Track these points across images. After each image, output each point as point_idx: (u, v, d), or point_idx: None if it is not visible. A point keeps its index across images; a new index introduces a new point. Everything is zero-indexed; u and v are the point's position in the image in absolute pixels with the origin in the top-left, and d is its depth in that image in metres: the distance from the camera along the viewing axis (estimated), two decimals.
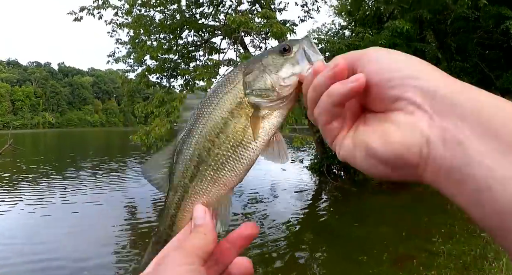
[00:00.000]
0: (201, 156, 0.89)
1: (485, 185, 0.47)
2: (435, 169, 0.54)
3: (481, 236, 8.72)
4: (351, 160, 0.67)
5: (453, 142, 0.51)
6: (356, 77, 0.62)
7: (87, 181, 18.54)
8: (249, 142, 0.86)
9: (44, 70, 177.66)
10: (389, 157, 0.58)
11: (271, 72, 0.85)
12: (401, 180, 0.62)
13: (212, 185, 0.90)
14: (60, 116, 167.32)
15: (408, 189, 15.58)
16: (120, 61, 18.59)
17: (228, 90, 0.88)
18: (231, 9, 17.92)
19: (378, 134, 0.61)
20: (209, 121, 0.88)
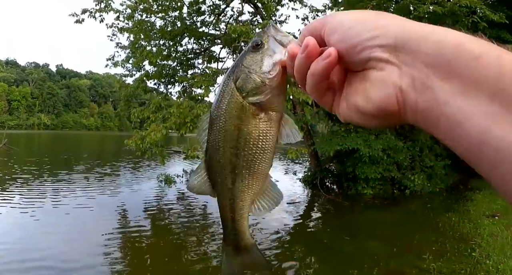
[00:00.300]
0: (232, 162, 0.99)
1: (455, 121, 0.54)
2: (412, 112, 0.60)
3: (472, 255, 8.73)
4: (350, 120, 0.73)
5: (422, 87, 0.57)
6: (327, 53, 0.68)
7: (80, 184, 18.43)
8: (265, 134, 0.96)
9: (42, 71, 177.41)
10: (375, 111, 0.65)
11: (255, 71, 0.91)
12: (393, 125, 0.70)
13: (251, 179, 1.02)
14: (56, 118, 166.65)
15: (400, 205, 15.64)
16: (118, 66, 18.63)
17: (228, 101, 0.95)
18: (232, 19, 18.01)
19: (361, 95, 0.68)
20: (226, 132, 0.97)
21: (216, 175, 1.04)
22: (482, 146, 0.51)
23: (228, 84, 0.96)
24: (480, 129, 0.51)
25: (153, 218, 12.81)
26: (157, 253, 9.33)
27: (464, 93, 0.53)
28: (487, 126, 0.50)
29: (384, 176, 17.32)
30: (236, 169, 1.00)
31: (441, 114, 0.55)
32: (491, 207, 13.68)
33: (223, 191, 1.05)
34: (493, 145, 0.50)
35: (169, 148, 26.99)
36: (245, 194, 1.04)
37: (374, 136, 17.01)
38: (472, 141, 0.52)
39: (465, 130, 0.53)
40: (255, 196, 1.06)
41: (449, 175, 20.20)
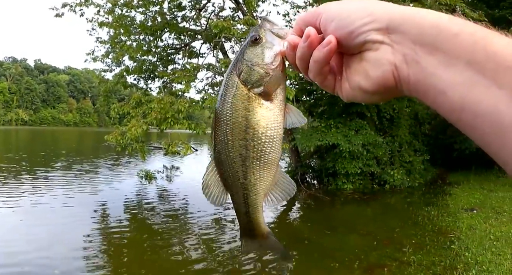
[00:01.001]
0: (242, 154, 1.01)
1: (441, 90, 0.61)
2: (406, 85, 0.67)
3: (451, 248, 8.85)
4: (354, 99, 0.80)
5: (412, 62, 0.65)
6: (328, 40, 0.75)
7: (58, 182, 18.25)
8: (273, 122, 0.98)
9: (20, 66, 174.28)
10: (377, 89, 0.73)
11: (258, 64, 0.96)
12: (391, 98, 0.79)
13: (263, 171, 1.03)
14: (34, 114, 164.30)
15: (380, 200, 15.76)
16: (98, 60, 18.38)
17: (234, 93, 0.99)
18: (213, 15, 17.94)
19: (361, 74, 0.75)
20: (234, 125, 0.99)
21: (227, 170, 1.04)
22: (463, 111, 0.59)
23: (232, 78, 0.99)
24: (460, 96, 0.59)
25: (134, 215, 12.74)
26: (137, 250, 9.28)
27: (446, 64, 0.60)
28: (466, 93, 0.58)
29: (364, 171, 17.47)
30: (246, 161, 1.01)
31: (429, 85, 0.63)
32: (469, 201, 13.87)
33: (236, 186, 1.05)
34: (472, 109, 0.57)
35: (148, 143, 26.80)
36: (258, 187, 1.05)
37: (354, 132, 17.15)
38: (454, 106, 0.60)
39: (448, 98, 0.60)
40: (268, 188, 1.07)
41: (428, 170, 20.45)
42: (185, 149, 14.29)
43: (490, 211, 12.04)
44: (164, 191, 17.10)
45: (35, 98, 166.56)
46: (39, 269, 7.87)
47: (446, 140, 23.31)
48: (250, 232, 1.15)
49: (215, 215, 12.42)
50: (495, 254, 8.25)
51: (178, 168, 24.58)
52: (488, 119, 0.56)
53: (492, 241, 9.12)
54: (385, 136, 18.78)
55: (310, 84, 18.03)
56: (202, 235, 10.50)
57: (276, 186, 1.08)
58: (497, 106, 0.55)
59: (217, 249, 9.33)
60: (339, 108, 18.16)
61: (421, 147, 21.15)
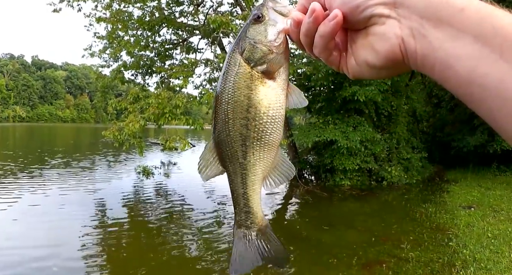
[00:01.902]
0: (242, 134, 0.99)
1: (447, 64, 0.61)
2: (413, 59, 0.67)
3: (449, 245, 8.86)
4: (360, 75, 0.80)
5: (419, 36, 0.65)
6: (334, 14, 0.74)
7: (56, 178, 18.23)
8: (275, 102, 0.97)
9: (17, 62, 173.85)
10: (384, 63, 0.72)
11: (261, 41, 0.95)
12: (398, 73, 0.78)
13: (263, 151, 1.01)
14: (31, 110, 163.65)
15: (377, 196, 15.76)
16: (95, 56, 18.33)
17: (236, 71, 0.97)
18: (211, 10, 17.91)
19: (368, 49, 0.74)
20: (235, 103, 0.97)
21: (227, 150, 1.02)
22: (470, 84, 0.59)
23: (234, 56, 0.97)
24: (467, 70, 0.59)
25: (131, 211, 12.71)
26: (135, 245, 9.28)
27: (453, 38, 0.60)
28: (473, 66, 0.58)
29: (362, 167, 17.49)
30: (247, 141, 0.99)
31: (436, 59, 0.63)
32: (467, 198, 13.88)
33: (234, 165, 1.03)
34: (479, 82, 0.58)
35: (146, 139, 26.81)
36: (257, 167, 1.03)
37: (352, 128, 17.16)
38: (461, 80, 0.60)
39: (455, 72, 0.60)
40: (267, 170, 1.05)
41: (425, 167, 20.49)
42: (182, 145, 14.26)
43: (487, 209, 12.05)
44: (161, 186, 17.08)
45: (32, 95, 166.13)
46: (37, 266, 7.82)
47: (444, 137, 23.38)
48: (246, 221, 1.11)
49: (213, 211, 12.44)
50: (493, 251, 8.26)
51: (176, 163, 24.61)
52: (494, 93, 0.56)
53: (490, 239, 9.13)
54: (383, 133, 18.79)
55: (308, 80, 18.03)
56: (200, 231, 10.47)
57: (275, 169, 1.06)
58: (503, 80, 0.55)
59: (215, 245, 9.31)
60: (337, 104, 18.16)
61: (419, 144, 21.18)
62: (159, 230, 10.60)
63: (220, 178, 1.11)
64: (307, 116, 21.57)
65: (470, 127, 21.29)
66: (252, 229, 1.11)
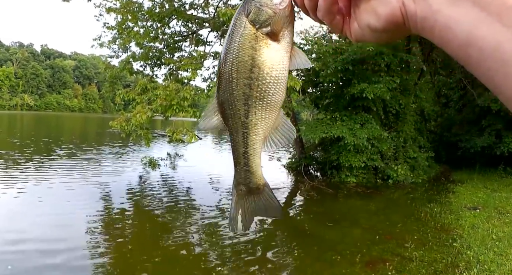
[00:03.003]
0: (246, 93, 1.01)
1: (446, 27, 0.62)
2: (413, 22, 0.68)
3: (453, 246, 8.83)
4: (362, 38, 0.81)
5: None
6: None
7: (62, 167, 18.31)
8: (278, 63, 0.99)
9: (26, 51, 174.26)
10: (385, 26, 0.73)
11: (266, 4, 0.96)
12: (399, 37, 0.80)
13: (265, 111, 1.03)
14: (39, 99, 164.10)
15: (383, 194, 15.72)
16: (104, 46, 18.31)
17: (241, 33, 0.98)
18: (221, 3, 17.87)
19: (370, 13, 0.75)
20: (240, 63, 0.99)
21: (229, 108, 1.05)
22: (468, 47, 0.60)
23: (240, 18, 0.99)
24: (466, 33, 0.60)
25: (137, 202, 12.75)
26: (140, 237, 9.31)
27: (452, 2, 0.61)
28: (471, 29, 0.59)
29: (368, 165, 17.45)
30: (249, 100, 1.02)
31: (435, 22, 0.64)
32: (472, 199, 13.84)
33: (236, 124, 1.06)
34: (477, 45, 0.59)
35: (153, 131, 26.87)
36: (259, 127, 1.06)
37: (359, 126, 17.10)
38: (460, 43, 0.61)
39: (454, 34, 0.61)
40: (268, 130, 1.07)
41: (431, 167, 20.44)
42: (189, 137, 14.26)
43: (493, 211, 12.02)
44: (167, 178, 17.10)
45: (40, 84, 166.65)
46: (42, 258, 7.83)
47: (451, 137, 23.30)
48: (245, 180, 1.13)
49: (219, 203, 12.47)
50: (497, 254, 8.24)
51: (182, 155, 24.63)
52: (492, 55, 0.58)
53: (495, 241, 9.10)
54: (390, 131, 18.72)
55: (316, 76, 17.99)
56: (206, 223, 10.49)
57: (276, 130, 1.09)
58: (500, 42, 0.56)
59: (221, 237, 9.34)
60: (345, 101, 18.10)
61: (426, 144, 21.12)
62: (165, 222, 10.63)
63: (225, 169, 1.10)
64: (314, 112, 21.54)
65: (478, 128, 21.23)
66: (251, 187, 1.14)
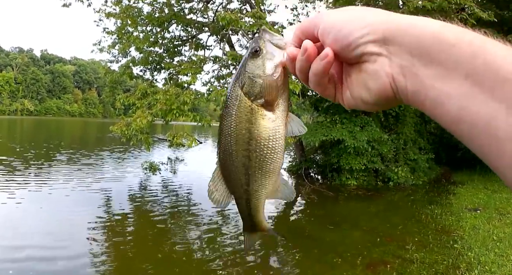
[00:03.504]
0: (245, 164, 1.04)
1: (437, 102, 0.62)
2: (404, 95, 0.68)
3: (454, 247, 8.84)
4: (355, 107, 0.82)
5: (410, 74, 0.66)
6: (325, 54, 0.77)
7: (63, 172, 18.29)
8: (274, 133, 1.01)
9: (26, 56, 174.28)
10: (377, 100, 0.74)
11: (259, 75, 0.98)
12: (390, 107, 0.81)
13: (264, 178, 1.06)
14: (39, 104, 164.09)
15: (383, 197, 15.73)
16: (104, 51, 18.35)
17: (237, 106, 1.01)
18: (220, 7, 17.91)
19: (361, 86, 0.76)
20: (238, 136, 1.02)
21: (231, 178, 1.09)
22: (460, 122, 0.60)
23: (235, 91, 1.01)
24: (458, 108, 0.59)
25: (138, 207, 12.76)
26: (141, 241, 9.30)
27: (444, 77, 0.61)
28: (463, 105, 0.59)
29: (368, 167, 17.47)
30: (249, 170, 1.05)
31: (426, 96, 0.64)
32: (473, 201, 13.85)
33: (239, 191, 1.10)
34: (470, 120, 0.58)
35: (153, 135, 26.85)
36: (260, 193, 1.10)
37: (359, 128, 17.13)
38: (452, 117, 0.61)
39: (446, 109, 0.61)
40: (269, 194, 1.11)
41: (432, 169, 20.44)
42: (189, 141, 14.28)
43: (493, 212, 12.02)
44: (168, 183, 17.12)
45: (40, 89, 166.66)
46: (43, 261, 7.85)
47: (451, 139, 23.24)
48: (252, 228, 1.21)
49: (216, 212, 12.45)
50: (498, 255, 8.25)
51: (183, 160, 24.64)
52: (485, 131, 0.57)
53: (495, 242, 9.11)
54: (390, 134, 18.76)
55: None
56: (206, 228, 10.51)
57: (277, 192, 1.13)
58: (493, 119, 0.55)
59: (221, 242, 9.36)
60: None
61: (426, 145, 21.12)
62: (165, 226, 10.65)
63: None
64: (314, 115, 21.55)
65: None
66: (257, 232, 1.24)
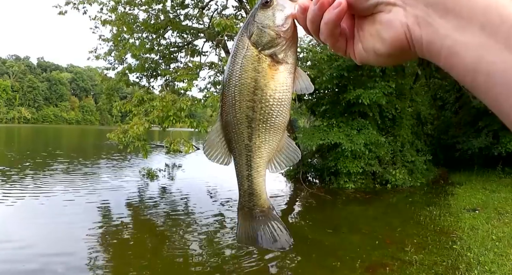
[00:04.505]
0: (249, 116, 1.01)
1: (453, 52, 0.62)
2: (419, 46, 0.68)
3: (453, 248, 8.83)
4: (367, 61, 0.82)
5: (425, 24, 0.66)
6: (337, 3, 0.75)
7: (60, 179, 18.24)
8: (281, 85, 0.99)
9: (23, 64, 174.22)
10: (390, 51, 0.74)
11: (269, 26, 0.96)
12: (404, 61, 0.81)
13: (268, 134, 1.03)
14: (36, 112, 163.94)
15: (381, 199, 15.72)
16: (100, 58, 18.33)
17: (244, 54, 0.99)
18: (216, 13, 17.95)
19: (375, 37, 0.76)
20: (242, 85, 0.99)
21: (232, 131, 1.05)
22: (476, 72, 0.60)
23: (243, 40, 0.99)
24: (474, 58, 0.59)
25: (136, 213, 12.74)
26: (139, 248, 9.28)
27: (459, 27, 0.61)
28: (479, 55, 0.59)
29: (366, 170, 17.46)
30: (253, 123, 1.02)
31: (441, 46, 0.64)
32: (471, 201, 13.85)
33: (240, 147, 1.06)
34: (485, 70, 0.59)
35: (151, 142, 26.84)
36: (263, 150, 1.06)
37: (356, 131, 17.12)
38: (468, 67, 0.61)
39: (461, 59, 0.61)
40: (272, 152, 1.07)
41: (430, 170, 20.43)
42: (187, 147, 14.28)
43: (492, 212, 12.02)
44: (166, 189, 17.09)
45: (37, 97, 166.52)
46: (41, 269, 7.83)
47: (449, 140, 23.31)
48: (250, 202, 1.14)
49: (217, 214, 12.45)
50: (498, 254, 8.24)
51: (180, 166, 24.63)
52: (500, 82, 0.58)
53: (495, 241, 9.10)
54: (387, 136, 18.75)
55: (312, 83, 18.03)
56: (204, 234, 10.48)
57: (280, 152, 1.09)
58: (509, 68, 0.56)
59: (219, 248, 9.33)
60: (341, 107, 18.13)
61: (423, 147, 21.13)
62: (163, 233, 10.63)
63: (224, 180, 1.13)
64: (311, 119, 21.57)
65: (475, 129, 21.23)
66: (255, 210, 1.15)
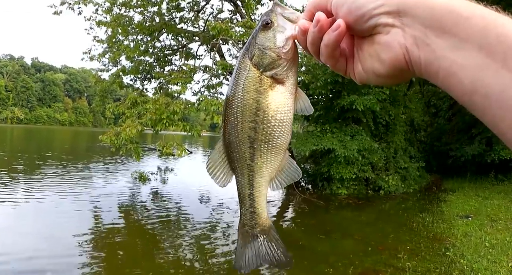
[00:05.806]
0: (251, 136, 1.03)
1: (450, 72, 0.63)
2: (417, 67, 0.69)
3: (446, 255, 8.82)
4: (367, 82, 0.83)
5: (423, 45, 0.67)
6: (337, 25, 0.77)
7: (52, 182, 18.08)
8: (283, 106, 1.00)
9: (17, 64, 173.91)
10: (390, 72, 0.75)
11: (270, 47, 0.98)
12: (403, 81, 0.81)
13: (270, 154, 1.05)
14: (29, 113, 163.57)
15: (374, 205, 15.75)
16: (94, 60, 18.24)
17: (246, 76, 1.01)
18: (211, 16, 17.94)
19: (374, 58, 0.76)
20: (245, 107, 1.01)
21: (235, 152, 1.06)
22: (473, 93, 0.60)
23: (244, 61, 1.01)
24: (471, 79, 0.60)
25: (127, 216, 12.66)
26: (130, 252, 9.21)
27: (457, 47, 0.62)
28: (477, 76, 0.59)
29: (359, 176, 17.49)
30: (255, 143, 1.03)
31: (439, 67, 0.65)
32: (464, 208, 13.89)
33: (242, 167, 1.07)
34: (482, 91, 0.59)
35: (143, 145, 26.76)
36: (264, 170, 1.07)
37: (349, 137, 17.16)
38: (465, 88, 0.61)
39: (459, 80, 0.62)
40: (274, 172, 1.08)
41: (423, 177, 20.53)
42: (179, 151, 14.21)
43: (485, 219, 12.05)
44: (157, 192, 17.02)
45: (31, 97, 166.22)
46: (32, 267, 7.80)
47: (442, 147, 23.43)
48: (251, 221, 1.15)
49: (209, 218, 12.41)
50: (491, 261, 8.24)
51: (173, 169, 24.57)
52: (497, 102, 0.58)
53: (488, 248, 9.11)
54: (381, 142, 18.81)
55: (306, 88, 18.05)
56: (196, 238, 10.42)
57: (281, 172, 1.10)
58: (506, 89, 0.56)
59: (210, 252, 9.27)
60: (335, 113, 18.18)
61: (417, 154, 21.22)
62: (155, 237, 10.56)
63: (216, 186, 1.13)
64: (305, 125, 21.57)
65: (468, 136, 21.36)
66: (256, 229, 1.17)
